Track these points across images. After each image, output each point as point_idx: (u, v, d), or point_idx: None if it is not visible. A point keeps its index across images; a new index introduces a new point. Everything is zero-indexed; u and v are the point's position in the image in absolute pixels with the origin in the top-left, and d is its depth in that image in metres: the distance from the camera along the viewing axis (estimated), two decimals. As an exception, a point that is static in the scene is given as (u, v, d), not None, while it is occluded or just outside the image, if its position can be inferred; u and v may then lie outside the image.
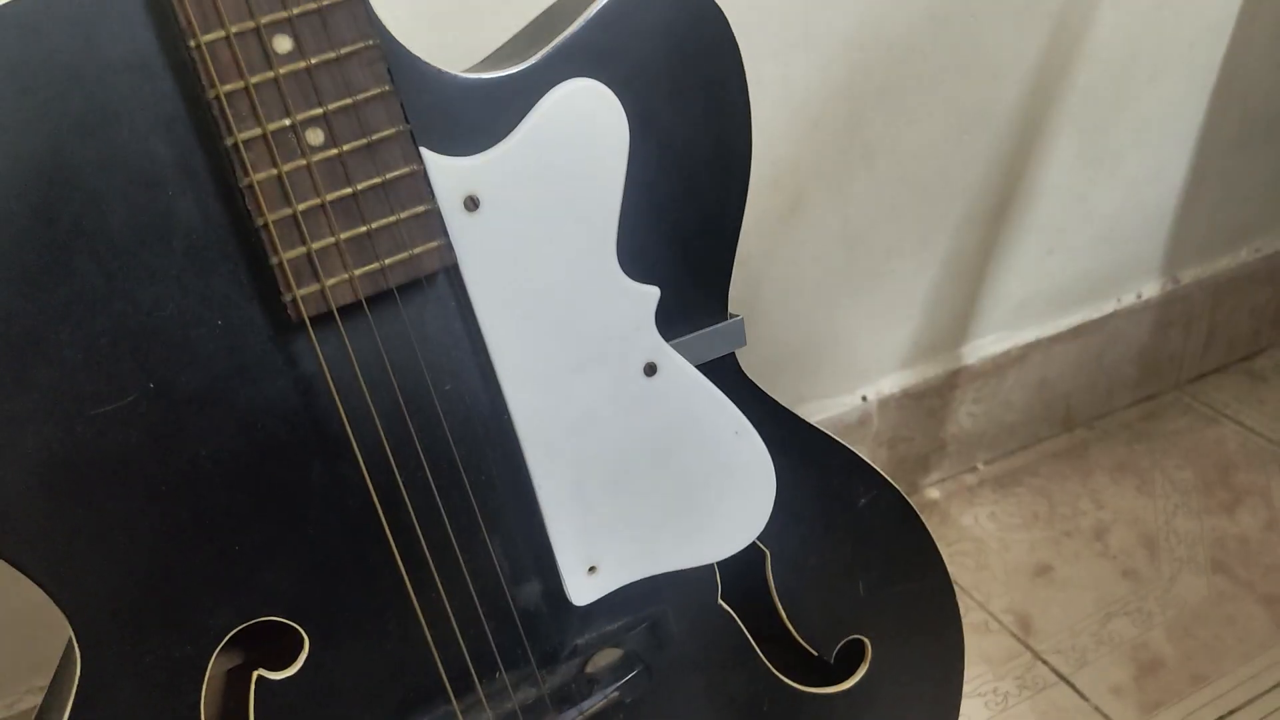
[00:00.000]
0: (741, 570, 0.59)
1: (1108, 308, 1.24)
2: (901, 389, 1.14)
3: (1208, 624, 1.08)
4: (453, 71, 0.46)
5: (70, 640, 0.47)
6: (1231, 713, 0.99)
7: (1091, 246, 1.19)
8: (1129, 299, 1.25)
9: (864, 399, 1.13)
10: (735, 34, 0.51)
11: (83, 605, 0.44)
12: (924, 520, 0.65)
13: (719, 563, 0.57)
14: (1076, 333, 1.23)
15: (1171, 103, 1.14)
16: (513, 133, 0.47)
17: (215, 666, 0.48)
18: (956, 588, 0.84)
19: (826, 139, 0.95)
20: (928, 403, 1.17)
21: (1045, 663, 1.05)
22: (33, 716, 0.53)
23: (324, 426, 0.46)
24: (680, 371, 0.53)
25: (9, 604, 0.83)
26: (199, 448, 0.45)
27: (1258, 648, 1.05)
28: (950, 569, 0.69)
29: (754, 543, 0.57)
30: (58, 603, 0.44)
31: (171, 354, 0.44)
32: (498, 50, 0.54)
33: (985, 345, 1.19)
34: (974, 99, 1.01)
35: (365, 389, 0.46)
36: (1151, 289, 1.27)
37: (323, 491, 0.47)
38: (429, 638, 0.50)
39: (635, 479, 0.53)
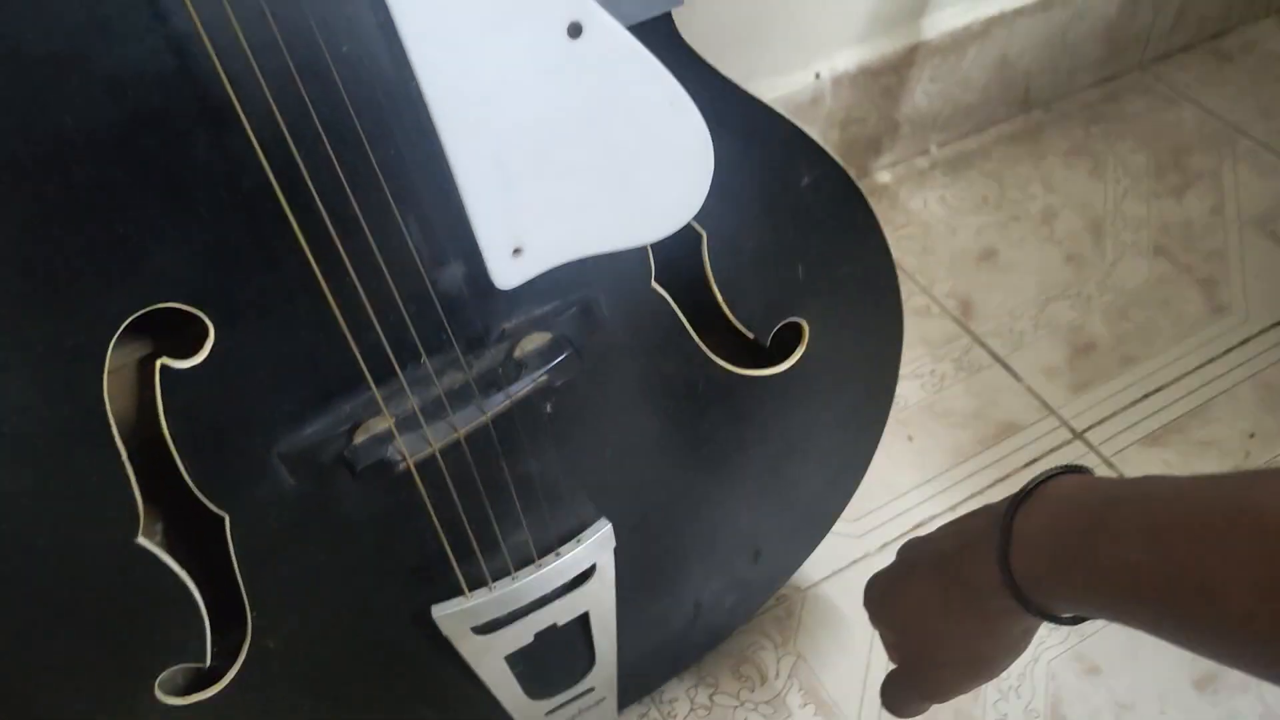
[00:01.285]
0: (677, 253, 0.56)
1: (1078, -22, 1.17)
2: (857, 65, 1.08)
3: (1144, 307, 1.09)
4: None
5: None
6: (1157, 390, 1.02)
7: (1067, -91, 1.10)
8: (1101, -32, 1.18)
9: (817, 76, 1.07)
10: None
11: (-44, 291, 0.41)
12: (870, 203, 0.62)
13: (653, 245, 0.54)
14: (1043, 5, 1.16)
15: None
16: None
17: (117, 357, 0.45)
18: (900, 272, 0.83)
19: None
20: (883, 80, 1.11)
21: (983, 345, 1.06)
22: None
23: (205, 93, 0.41)
24: (608, 32, 0.47)
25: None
26: (63, 117, 0.40)
27: (1188, 329, 1.07)
28: (896, 253, 0.67)
29: (690, 224, 0.54)
30: (-73, 289, 0.41)
31: (15, 6, 0.38)
32: None
33: (947, 19, 1.12)
34: None
35: (248, 50, 0.41)
36: (1125, -42, 1.19)
37: (211, 167, 0.43)
38: (342, 322, 0.47)
39: (561, 153, 0.49)
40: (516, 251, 0.50)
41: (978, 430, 0.99)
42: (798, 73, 1.07)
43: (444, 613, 0.59)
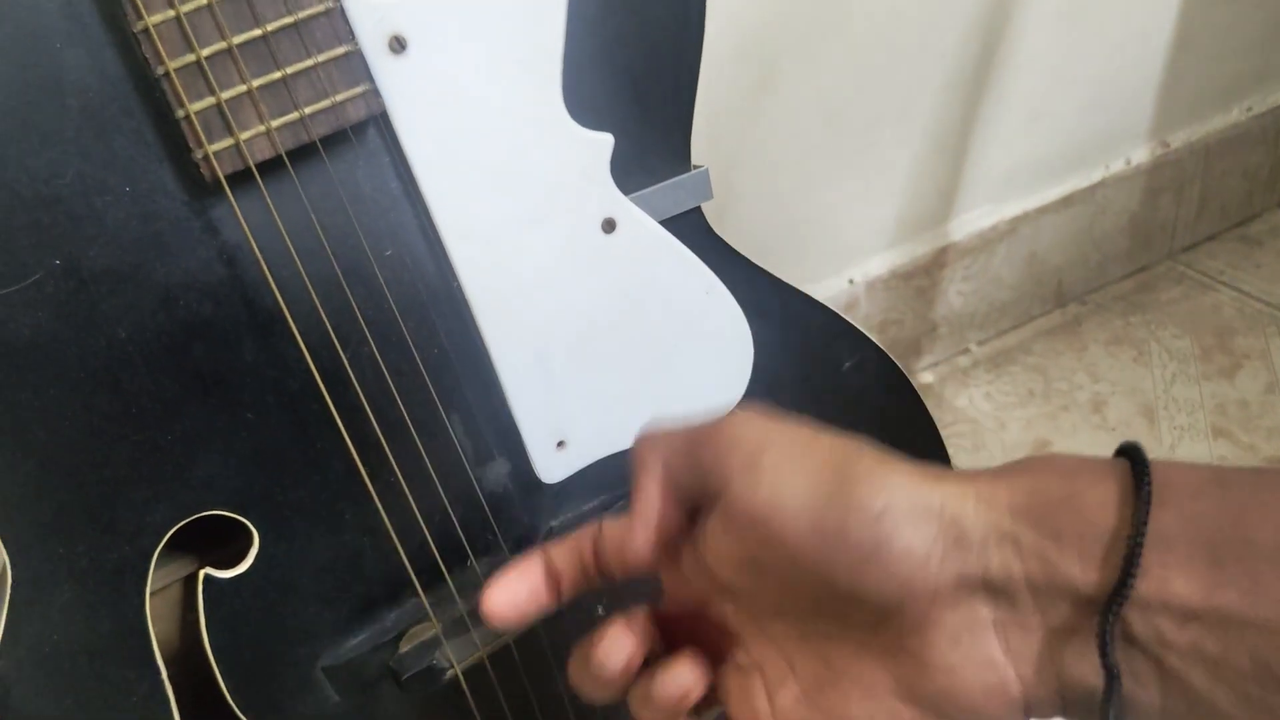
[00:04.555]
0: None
1: (1096, 175, 1.20)
2: (889, 269, 1.10)
3: (1210, 489, 1.06)
4: (365, -106, 0.41)
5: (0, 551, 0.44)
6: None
7: (1077, 112, 1.15)
8: (1118, 165, 1.21)
9: (851, 282, 1.09)
10: None
11: (3, 506, 0.41)
12: (908, 379, 0.61)
13: (698, 434, 0.54)
14: (1065, 203, 1.19)
15: (1156, -47, 1.08)
16: (438, -36, 0.42)
17: (163, 570, 0.45)
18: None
19: (795, 5, 0.90)
20: (916, 282, 1.13)
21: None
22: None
23: (254, 300, 0.42)
24: (641, 227, 0.49)
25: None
26: (116, 329, 0.41)
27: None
28: (947, 452, 0.66)
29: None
30: (-23, 506, 0.41)
31: (76, 226, 0.40)
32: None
33: (973, 220, 1.15)
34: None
35: (296, 257, 0.42)
36: (1141, 154, 1.22)
37: (259, 372, 0.43)
38: (389, 527, 0.47)
39: (600, 345, 0.49)
40: (560, 445, 0.50)
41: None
42: (831, 279, 1.09)
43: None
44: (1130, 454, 0.31)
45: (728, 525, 0.34)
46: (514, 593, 0.37)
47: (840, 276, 1.09)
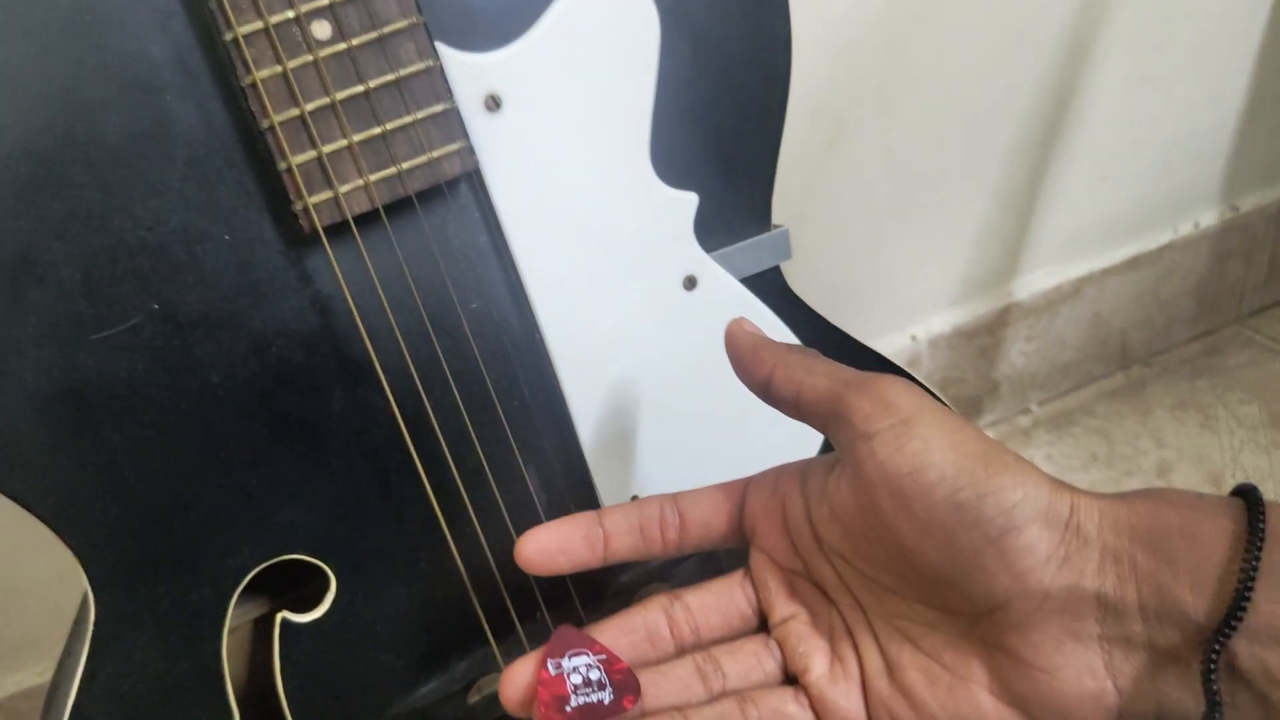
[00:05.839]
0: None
1: (1163, 238, 1.18)
2: (952, 327, 1.10)
3: None
4: (469, -42, 0.43)
5: (86, 589, 0.45)
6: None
7: (1146, 174, 1.14)
8: (1186, 228, 1.20)
9: (913, 338, 1.08)
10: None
11: (92, 544, 0.42)
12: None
13: (770, 493, 0.54)
14: (1131, 265, 1.17)
15: (1227, 20, 1.08)
16: (536, 25, 0.43)
17: (238, 610, 0.45)
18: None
19: (867, 63, 0.91)
20: (979, 341, 1.12)
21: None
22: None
23: (344, 349, 0.43)
24: (722, 285, 0.49)
25: (47, 569, 0.81)
26: (210, 374, 0.42)
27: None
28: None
29: (807, 471, 0.54)
30: (68, 543, 0.41)
31: (176, 273, 0.41)
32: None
33: (1037, 280, 1.14)
34: (1020, 18, 0.96)
35: (387, 307, 0.43)
36: (1209, 218, 1.21)
37: (345, 419, 0.44)
38: (464, 576, 0.47)
39: (677, 402, 0.49)
40: (634, 499, 0.50)
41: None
42: (893, 335, 1.08)
43: None
44: (1246, 494, 0.32)
45: (857, 481, 0.35)
46: (545, 540, 0.39)
47: (903, 333, 1.09)
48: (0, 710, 0.84)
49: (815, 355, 0.39)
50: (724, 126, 0.49)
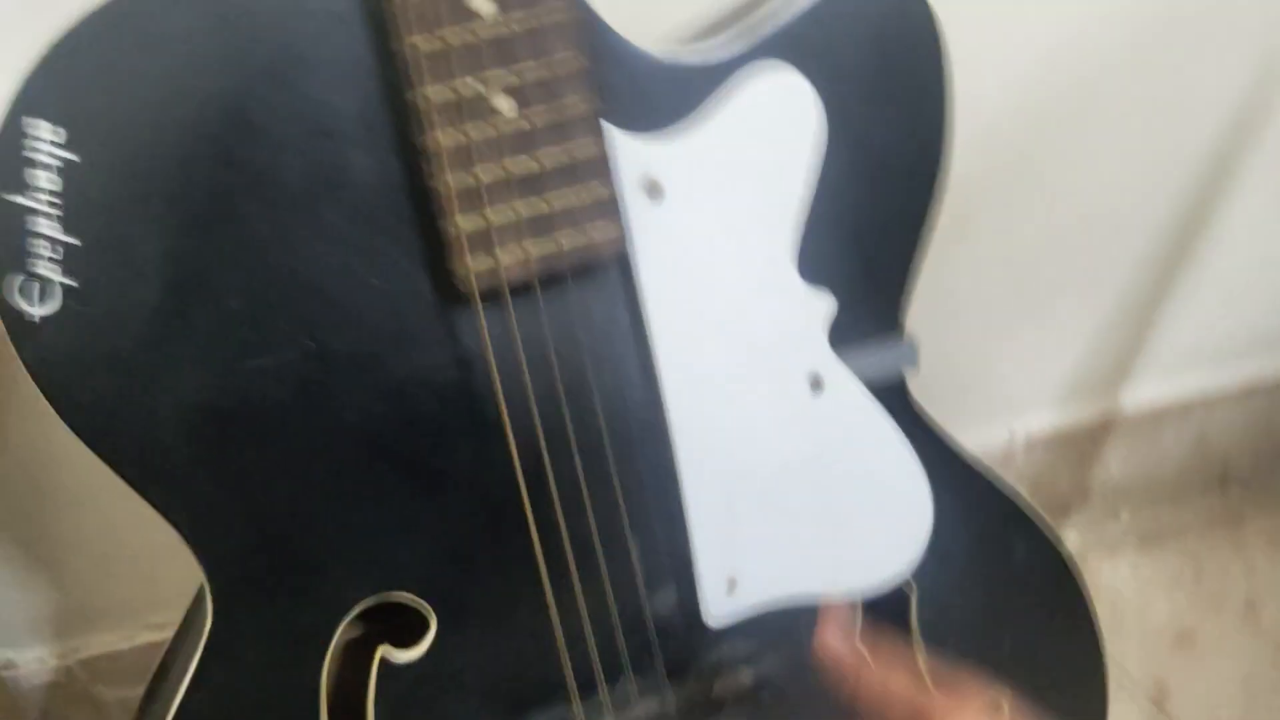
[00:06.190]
0: (884, 607, 0.56)
1: (1282, 369, 1.16)
2: (1052, 427, 1.08)
3: (1366, 720, 1.00)
4: (651, 51, 0.44)
5: (201, 590, 0.47)
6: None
7: (1272, 299, 1.11)
8: (1307, 361, 1.17)
9: (1011, 433, 1.07)
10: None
11: (220, 559, 0.44)
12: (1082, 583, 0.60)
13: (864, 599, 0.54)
14: (1247, 392, 1.15)
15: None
16: (706, 120, 0.44)
17: (340, 639, 0.47)
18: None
19: (1004, 165, 0.90)
20: (1078, 446, 1.11)
21: (1182, 738, 0.98)
22: (158, 657, 0.52)
23: (478, 406, 0.45)
24: (848, 390, 0.49)
25: (135, 541, 0.84)
26: (347, 413, 0.44)
27: None
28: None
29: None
30: (197, 554, 0.44)
31: (332, 313, 0.43)
32: (697, 33, 0.52)
33: (1145, 391, 1.12)
34: (1166, 138, 0.94)
35: (526, 372, 0.44)
36: (1333, 353, 1.18)
37: (469, 472, 0.46)
38: (559, 634, 0.48)
39: (788, 497, 0.50)
40: (731, 583, 0.51)
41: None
42: (991, 427, 1.07)
43: None
44: None
45: None
46: None
47: (1001, 426, 1.08)
48: (85, 668, 0.87)
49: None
50: (869, 233, 0.49)
